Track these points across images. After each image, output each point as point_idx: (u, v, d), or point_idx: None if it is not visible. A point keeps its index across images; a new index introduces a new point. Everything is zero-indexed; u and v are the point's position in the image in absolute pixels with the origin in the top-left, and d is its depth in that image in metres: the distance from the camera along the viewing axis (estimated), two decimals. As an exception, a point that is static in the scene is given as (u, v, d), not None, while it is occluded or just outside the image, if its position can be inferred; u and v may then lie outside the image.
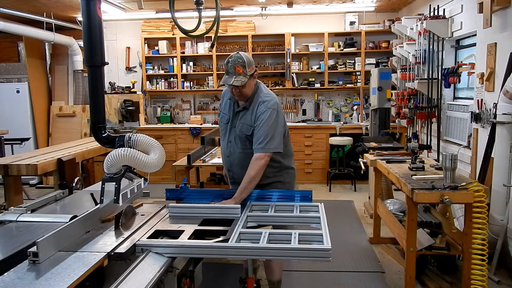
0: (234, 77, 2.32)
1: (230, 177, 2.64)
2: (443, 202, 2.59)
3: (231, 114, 2.53)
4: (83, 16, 1.95)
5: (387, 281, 3.27)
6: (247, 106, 2.45)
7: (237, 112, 2.50)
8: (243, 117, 2.47)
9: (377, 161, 3.71)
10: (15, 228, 1.89)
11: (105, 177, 1.94)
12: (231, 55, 2.39)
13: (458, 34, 4.43)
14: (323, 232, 1.78)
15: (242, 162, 2.46)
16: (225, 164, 2.65)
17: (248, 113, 2.44)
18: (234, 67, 2.31)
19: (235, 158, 2.51)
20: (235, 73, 2.31)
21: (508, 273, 3.29)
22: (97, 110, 2.03)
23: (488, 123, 3.62)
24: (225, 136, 2.57)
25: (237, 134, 2.48)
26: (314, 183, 6.51)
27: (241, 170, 2.42)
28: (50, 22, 6.25)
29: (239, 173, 2.46)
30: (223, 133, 2.60)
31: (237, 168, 2.52)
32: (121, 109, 6.82)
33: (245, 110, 2.46)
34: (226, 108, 2.57)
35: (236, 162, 2.52)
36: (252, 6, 6.38)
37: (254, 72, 2.42)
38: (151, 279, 1.51)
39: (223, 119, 2.59)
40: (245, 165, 2.40)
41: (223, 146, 2.62)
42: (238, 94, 2.41)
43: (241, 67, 2.31)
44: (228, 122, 2.54)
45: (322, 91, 7.04)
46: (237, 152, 2.50)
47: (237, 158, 2.51)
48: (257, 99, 2.44)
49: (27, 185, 6.43)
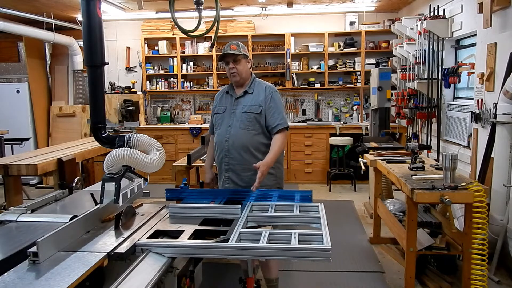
0: (230, 50, 2.60)
1: (226, 163, 2.64)
2: (443, 202, 2.59)
3: (230, 103, 2.70)
4: (83, 16, 1.95)
5: (387, 281, 3.27)
6: (249, 91, 2.67)
7: (237, 98, 2.68)
8: (246, 100, 2.65)
9: (377, 161, 3.71)
10: (15, 228, 1.89)
11: (105, 177, 1.94)
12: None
13: (458, 34, 4.43)
14: (323, 232, 1.78)
15: (241, 141, 2.58)
16: (220, 153, 2.66)
17: (253, 96, 2.66)
18: (229, 46, 2.63)
19: (235, 140, 2.59)
20: (230, 49, 2.60)
21: (508, 273, 3.29)
22: (97, 110, 2.03)
23: (488, 123, 3.62)
24: (222, 125, 2.68)
25: (240, 116, 2.62)
26: (314, 183, 6.52)
27: (239, 152, 2.58)
28: (50, 22, 6.25)
29: (237, 157, 2.59)
30: (219, 123, 2.71)
31: (235, 152, 2.60)
32: (121, 109, 6.82)
33: (247, 94, 2.67)
34: (222, 101, 2.76)
35: (236, 143, 2.59)
36: (252, 6, 6.38)
37: (249, 58, 2.71)
38: (151, 279, 1.51)
39: (219, 110, 2.74)
40: (243, 146, 2.58)
41: (221, 133, 2.67)
42: (234, 73, 2.63)
43: (235, 45, 2.63)
44: (224, 112, 2.70)
45: (322, 91, 7.04)
46: (239, 133, 2.60)
47: (238, 139, 2.59)
48: (260, 84, 2.70)
49: (27, 185, 6.43)
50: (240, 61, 2.62)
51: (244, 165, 2.59)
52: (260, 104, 2.60)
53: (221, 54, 2.62)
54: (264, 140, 2.63)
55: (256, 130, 2.60)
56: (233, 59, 2.60)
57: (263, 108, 2.60)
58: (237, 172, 2.62)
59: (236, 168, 2.61)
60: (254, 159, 2.54)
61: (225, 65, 2.66)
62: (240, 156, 2.58)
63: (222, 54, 2.61)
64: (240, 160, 2.59)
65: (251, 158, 2.57)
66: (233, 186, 2.62)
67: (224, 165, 2.65)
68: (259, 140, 2.61)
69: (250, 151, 2.58)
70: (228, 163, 2.63)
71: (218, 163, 2.71)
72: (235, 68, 2.62)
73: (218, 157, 2.69)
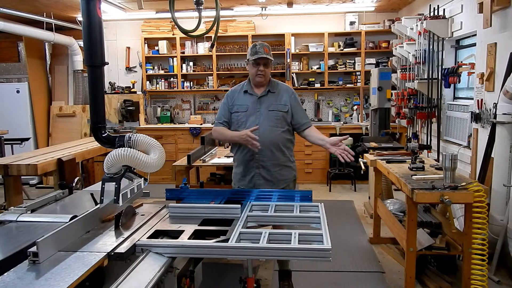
0: (264, 54, 2.66)
1: (256, 160, 2.70)
2: (443, 202, 2.59)
3: (252, 102, 2.75)
4: (83, 16, 1.95)
5: (387, 281, 3.27)
6: (272, 90, 2.76)
7: (260, 97, 2.74)
8: (270, 99, 2.74)
9: (377, 161, 3.71)
10: (15, 228, 1.89)
11: (105, 177, 1.93)
12: (254, 42, 2.74)
13: (458, 34, 4.43)
14: (323, 232, 1.78)
15: (271, 139, 2.67)
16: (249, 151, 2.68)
17: (277, 95, 2.76)
18: (263, 48, 2.67)
19: (266, 137, 2.64)
20: (264, 52, 2.66)
21: (508, 273, 3.29)
22: (97, 110, 2.03)
23: (488, 123, 3.62)
24: (247, 123, 2.71)
25: (267, 115, 2.70)
26: (314, 183, 6.52)
27: (270, 149, 2.68)
28: (50, 22, 6.25)
29: (268, 154, 2.69)
30: (243, 121, 2.73)
31: (266, 150, 2.66)
32: (121, 109, 6.82)
33: (270, 93, 2.75)
34: (241, 100, 2.78)
35: (267, 141, 2.64)
36: (252, 6, 6.38)
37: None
38: (151, 279, 1.51)
39: (239, 109, 2.76)
40: (273, 143, 2.68)
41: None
42: (262, 74, 2.69)
43: (268, 49, 2.70)
44: (247, 110, 2.74)
45: (322, 91, 7.04)
46: (269, 131, 2.68)
47: (268, 137, 2.66)
48: (279, 84, 2.83)
49: (27, 185, 6.43)
50: (269, 65, 2.73)
51: (274, 161, 2.72)
52: (286, 103, 2.74)
53: (257, 57, 2.65)
54: (289, 136, 2.79)
55: (283, 128, 2.73)
56: (265, 62, 2.69)
57: (289, 107, 2.74)
58: (268, 168, 2.72)
59: (267, 165, 2.71)
60: (282, 155, 2.73)
61: (255, 65, 2.69)
62: (271, 153, 2.69)
63: (258, 57, 2.64)
64: (271, 157, 2.70)
65: (280, 154, 2.73)
66: (263, 182, 2.73)
67: (254, 162, 2.72)
68: (286, 137, 2.76)
69: (279, 147, 2.72)
70: (259, 160, 2.71)
71: (246, 160, 2.75)
72: (264, 71, 2.70)
73: (246, 155, 2.73)
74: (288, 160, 2.79)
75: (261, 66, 2.67)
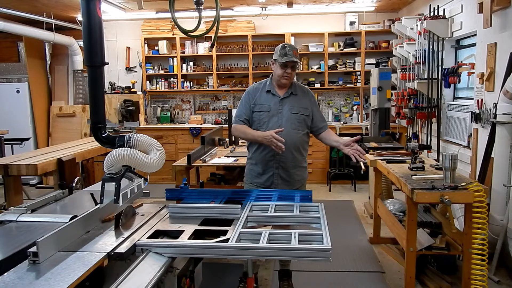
0: (294, 57, 2.65)
1: (277, 161, 2.71)
2: (443, 202, 2.59)
3: (274, 102, 2.74)
4: (83, 16, 1.95)
5: (387, 281, 3.27)
6: (294, 92, 2.77)
7: (283, 98, 2.75)
8: (293, 101, 2.75)
9: (377, 161, 3.71)
10: (15, 228, 1.89)
11: (105, 177, 1.93)
12: (283, 43, 2.73)
13: (458, 34, 4.43)
14: (323, 232, 1.78)
15: (293, 141, 2.69)
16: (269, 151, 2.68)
17: (299, 98, 2.77)
18: (292, 51, 2.66)
19: (288, 139, 2.61)
20: (293, 56, 2.65)
21: (508, 273, 3.29)
22: (97, 110, 2.02)
23: (488, 123, 3.62)
24: (269, 124, 2.71)
25: (289, 117, 2.72)
26: (314, 183, 6.51)
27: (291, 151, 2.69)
28: (50, 22, 6.25)
29: (289, 155, 2.71)
30: (265, 121, 2.72)
31: (287, 151, 2.64)
32: (121, 109, 6.82)
33: (292, 95, 2.76)
34: (263, 99, 2.77)
35: (289, 143, 2.62)
36: (252, 6, 6.38)
37: None
38: (151, 279, 1.51)
39: (262, 108, 2.75)
40: (294, 145, 2.70)
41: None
42: (287, 76, 2.70)
43: (296, 52, 2.70)
44: (269, 111, 2.73)
45: (322, 91, 7.04)
46: (291, 133, 2.69)
47: (290, 139, 2.64)
48: (299, 86, 2.86)
49: (27, 185, 6.43)
50: (296, 68, 2.75)
51: (294, 163, 2.75)
52: (307, 106, 2.78)
53: (287, 60, 2.64)
54: (307, 139, 2.85)
55: (303, 130, 2.77)
56: (293, 65, 2.69)
57: (310, 111, 2.78)
58: (287, 169, 2.75)
59: (287, 166, 2.74)
60: (301, 157, 2.79)
61: (282, 67, 2.68)
62: (292, 155, 2.72)
63: (288, 60, 2.64)
64: (291, 159, 2.73)
65: (299, 156, 2.77)
66: (281, 182, 2.76)
67: (274, 163, 2.73)
68: (305, 139, 2.82)
69: (299, 149, 2.76)
70: (279, 160, 2.72)
71: (265, 160, 2.75)
72: (291, 74, 2.71)
73: (266, 155, 2.73)
74: (304, 161, 2.85)
75: (288, 68, 2.68)
